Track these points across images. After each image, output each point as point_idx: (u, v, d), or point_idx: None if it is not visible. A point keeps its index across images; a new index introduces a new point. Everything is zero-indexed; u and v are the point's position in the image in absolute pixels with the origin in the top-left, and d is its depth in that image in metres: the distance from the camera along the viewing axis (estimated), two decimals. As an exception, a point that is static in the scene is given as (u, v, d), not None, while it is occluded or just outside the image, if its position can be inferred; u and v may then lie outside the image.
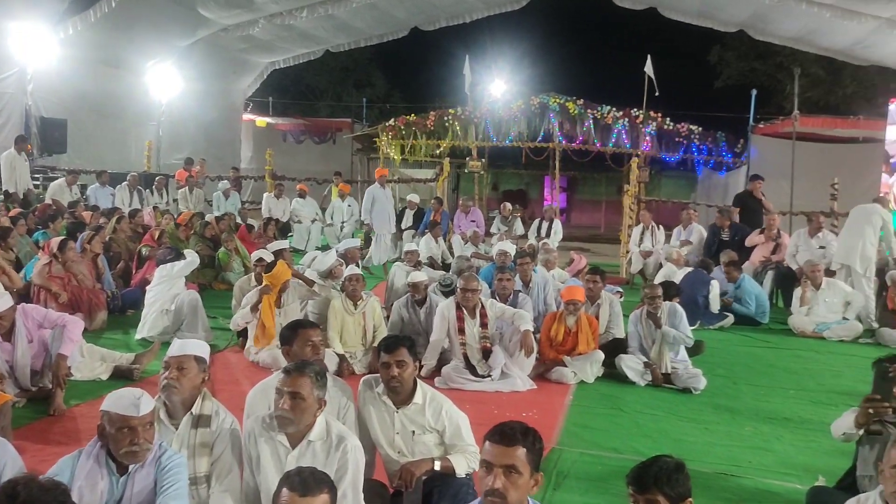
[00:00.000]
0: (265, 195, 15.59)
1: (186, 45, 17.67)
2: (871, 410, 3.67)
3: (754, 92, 16.32)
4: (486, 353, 6.53)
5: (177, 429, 3.40)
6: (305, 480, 2.60)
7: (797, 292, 9.19)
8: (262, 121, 23.86)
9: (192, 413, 3.42)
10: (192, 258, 7.91)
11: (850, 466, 3.97)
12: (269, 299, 7.02)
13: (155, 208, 13.14)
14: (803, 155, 14.80)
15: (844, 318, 8.87)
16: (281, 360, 4.96)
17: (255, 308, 7.02)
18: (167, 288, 7.60)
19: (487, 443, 2.60)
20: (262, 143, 22.14)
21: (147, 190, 14.46)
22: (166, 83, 18.23)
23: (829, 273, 9.52)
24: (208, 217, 11.88)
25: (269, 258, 7.85)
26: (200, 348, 3.60)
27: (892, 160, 12.47)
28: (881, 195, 10.74)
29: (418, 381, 3.81)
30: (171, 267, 7.67)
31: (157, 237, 10.49)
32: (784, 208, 13.74)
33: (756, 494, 4.41)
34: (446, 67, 24.03)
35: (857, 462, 3.90)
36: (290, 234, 14.66)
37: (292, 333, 4.17)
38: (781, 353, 8.09)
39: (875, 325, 8.91)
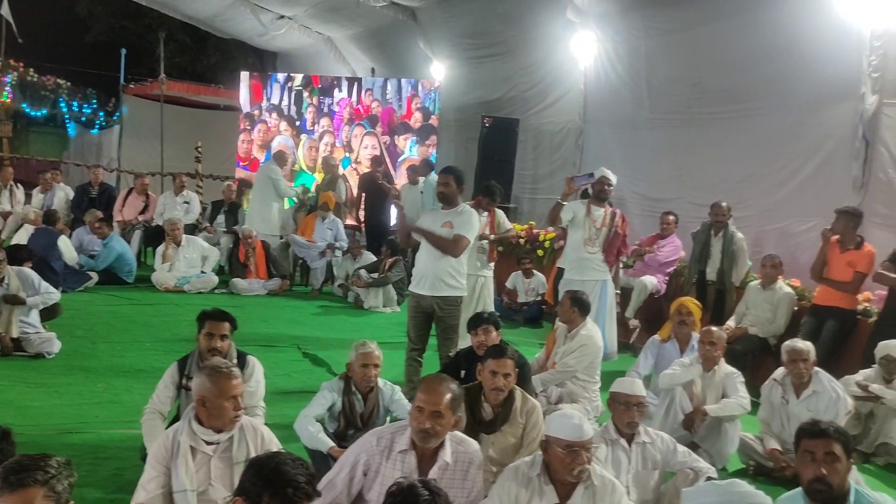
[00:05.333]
0: None
1: None
2: None
3: (124, 51, 16.23)
4: None
5: None
6: None
7: (160, 249, 9.65)
8: None
9: None
10: None
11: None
12: None
13: None
14: (172, 118, 15.40)
15: (203, 272, 9.68)
16: None
17: None
18: None
19: None
20: None
21: None
22: None
23: (190, 230, 10.27)
24: None
25: None
26: None
27: (297, 123, 13.93)
28: (278, 150, 11.90)
29: None
30: None
31: None
32: (155, 169, 14.16)
33: (97, 447, 4.54)
34: None
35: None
36: None
37: None
38: (143, 308, 8.43)
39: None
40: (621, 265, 7.48)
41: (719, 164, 8.65)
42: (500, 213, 7.22)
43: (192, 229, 10.76)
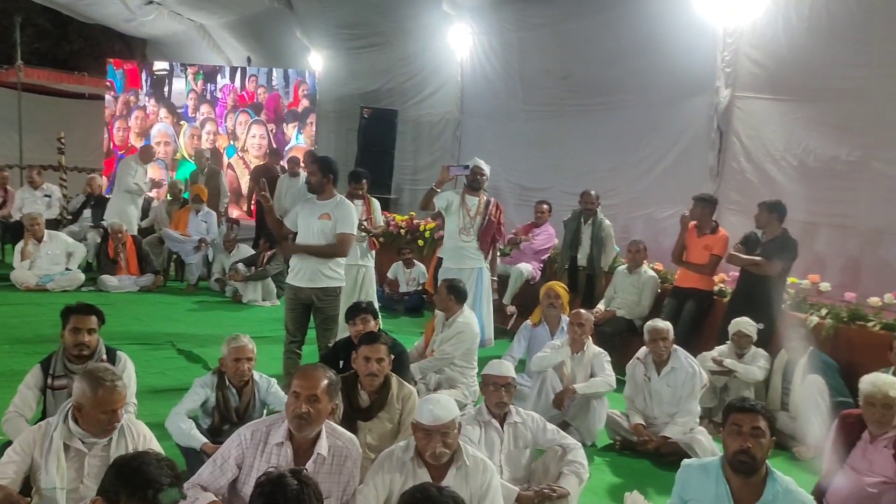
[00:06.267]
0: None
1: None
2: None
3: (-26, 35, 15.15)
4: None
5: None
6: None
7: (19, 246, 9.11)
8: None
9: None
10: None
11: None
12: None
13: None
14: (32, 107, 14.55)
15: (68, 269, 9.21)
16: None
17: None
18: None
19: None
20: None
21: None
22: None
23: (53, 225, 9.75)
24: None
25: None
26: None
27: (179, 110, 13.36)
28: (145, 146, 11.37)
29: None
30: None
31: None
32: (13, 161, 13.33)
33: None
34: None
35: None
36: None
37: None
38: (1, 309, 7.94)
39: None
40: (498, 253, 7.67)
41: (589, 154, 9.00)
42: (374, 201, 7.23)
43: (56, 224, 10.22)
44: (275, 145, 12.77)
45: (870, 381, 3.84)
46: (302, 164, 10.63)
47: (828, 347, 5.52)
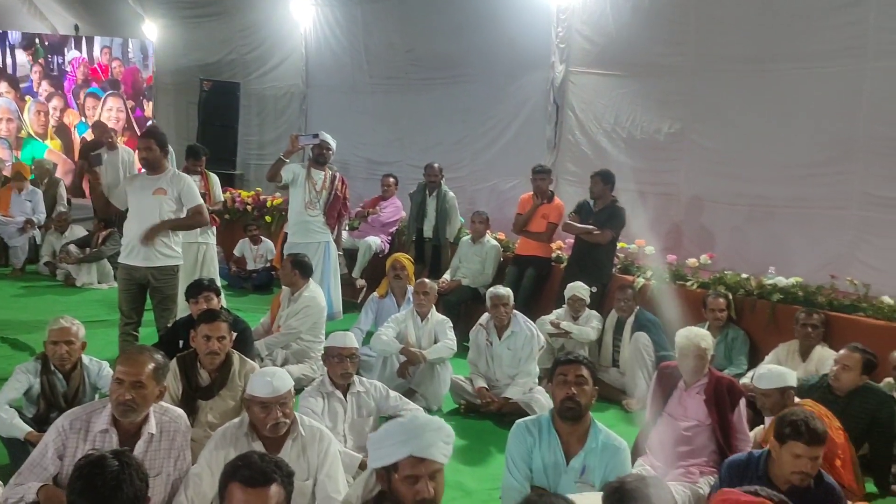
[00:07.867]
0: None
1: None
2: None
3: None
4: None
5: None
6: None
7: None
8: None
9: None
10: None
11: None
12: None
13: None
14: None
15: None
16: None
17: None
18: None
19: None
20: None
21: None
22: None
23: None
24: None
25: None
26: None
27: (22, 85, 12.25)
28: None
29: None
30: None
31: None
32: None
33: None
34: None
35: None
36: None
37: None
38: None
39: None
40: (345, 227, 7.67)
41: (435, 128, 9.12)
42: (213, 177, 7.02)
43: None
44: (134, 122, 12.08)
45: (683, 335, 4.17)
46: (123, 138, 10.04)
47: (652, 306, 5.93)
